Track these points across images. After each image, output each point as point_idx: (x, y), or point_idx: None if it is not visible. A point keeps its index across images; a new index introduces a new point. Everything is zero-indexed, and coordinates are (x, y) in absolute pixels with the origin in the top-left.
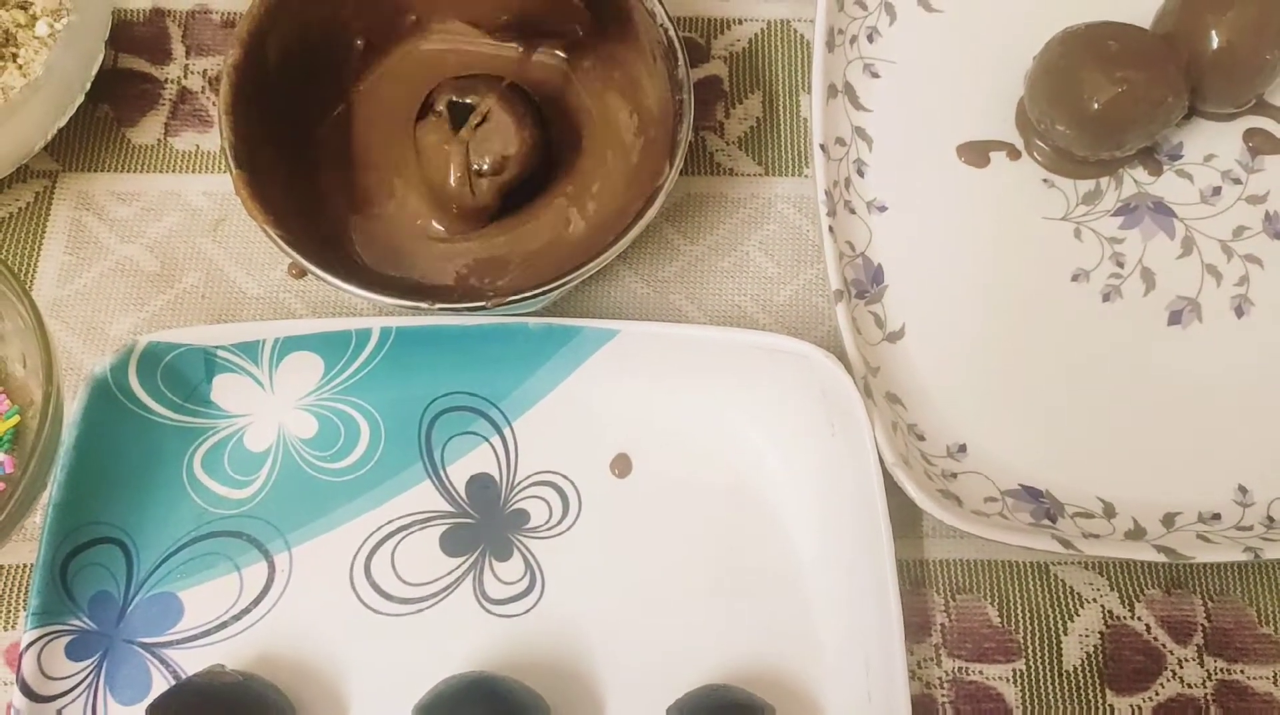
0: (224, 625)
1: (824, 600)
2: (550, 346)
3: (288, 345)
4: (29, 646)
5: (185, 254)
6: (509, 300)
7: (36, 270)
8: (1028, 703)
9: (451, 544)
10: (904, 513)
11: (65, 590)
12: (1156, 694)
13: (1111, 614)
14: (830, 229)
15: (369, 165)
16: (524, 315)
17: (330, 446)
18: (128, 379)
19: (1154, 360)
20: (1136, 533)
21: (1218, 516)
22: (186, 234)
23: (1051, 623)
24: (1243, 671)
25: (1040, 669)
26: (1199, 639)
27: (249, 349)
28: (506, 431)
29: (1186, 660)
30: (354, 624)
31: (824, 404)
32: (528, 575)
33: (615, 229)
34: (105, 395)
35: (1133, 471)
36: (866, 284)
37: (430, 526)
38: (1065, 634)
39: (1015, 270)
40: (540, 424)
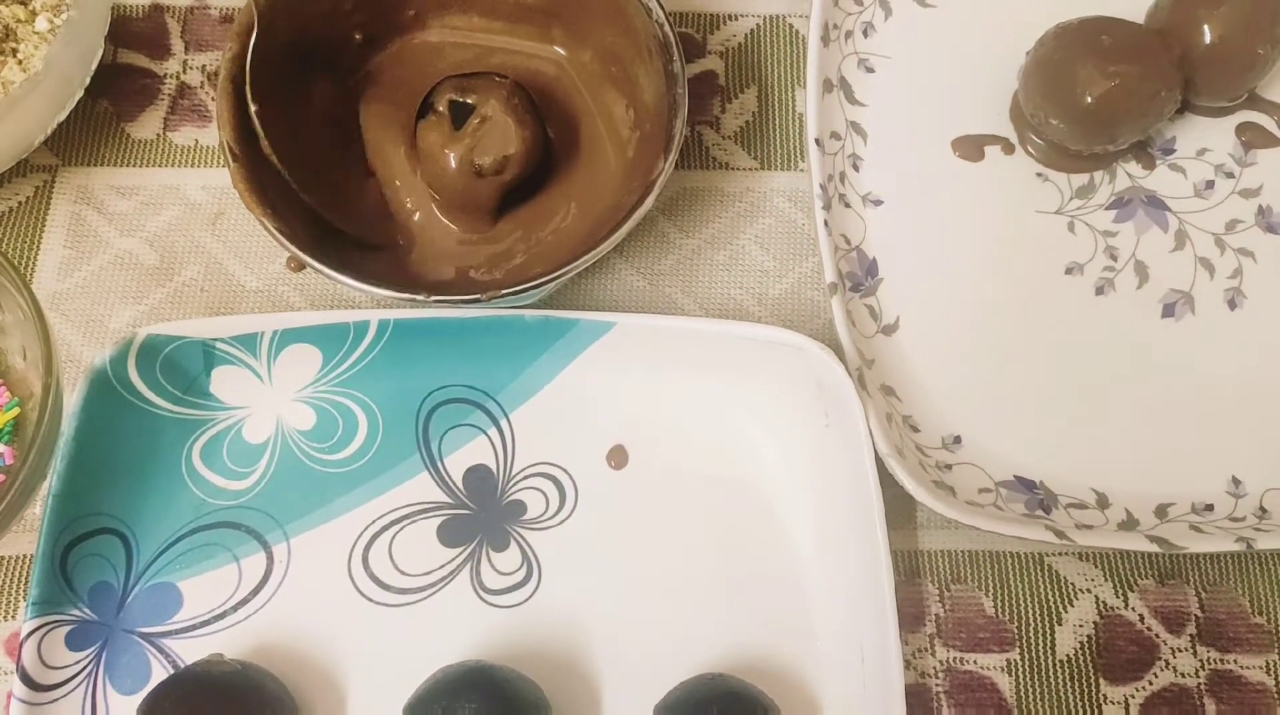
0: (223, 615)
1: (819, 590)
2: (547, 339)
3: (286, 338)
4: (29, 636)
5: (184, 247)
6: (504, 293)
7: (36, 264)
8: (1022, 692)
9: (449, 535)
10: (899, 504)
11: (65, 580)
12: (1150, 684)
13: (1105, 604)
14: (825, 223)
15: (367, 159)
16: (520, 308)
17: (328, 438)
18: (127, 371)
19: (1147, 353)
20: (1130, 523)
21: (1211, 507)
22: (185, 228)
23: (1045, 613)
24: (1235, 661)
25: (1034, 659)
26: (1192, 629)
27: (247, 341)
28: (504, 423)
29: (1180, 650)
30: (352, 614)
31: (819, 396)
32: (525, 566)
33: (611, 223)
34: (105, 387)
35: (1126, 463)
36: (861, 277)
37: (428, 517)
38: (1059, 624)
39: (1009, 263)
40: (537, 416)
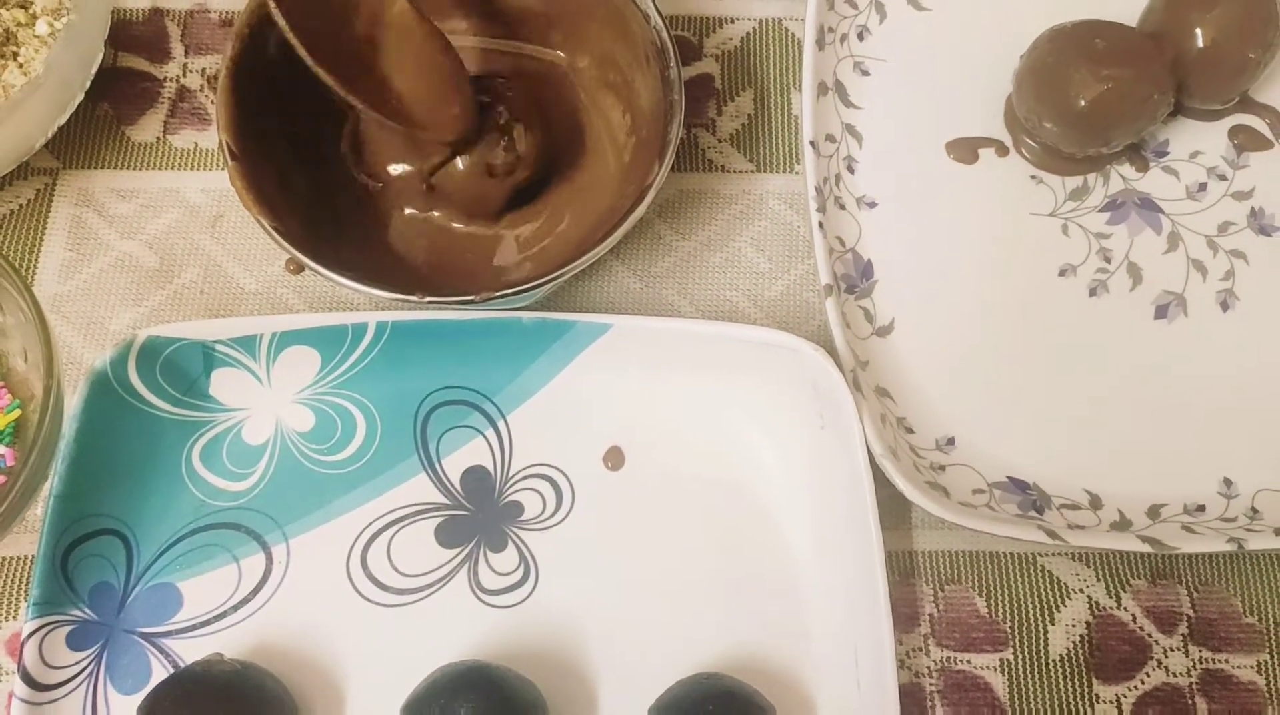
0: (222, 615)
1: (814, 591)
2: (544, 341)
3: (285, 340)
4: (30, 636)
5: (184, 250)
6: (499, 295)
7: (37, 266)
8: (1014, 692)
9: (447, 535)
10: (893, 504)
11: (66, 581)
12: (1142, 683)
13: (1097, 604)
14: (820, 225)
15: (367, 160)
16: (518, 310)
17: (327, 440)
18: (127, 373)
19: (1141, 354)
20: (1122, 524)
21: (1202, 508)
22: (185, 230)
23: (1038, 613)
24: (1227, 661)
25: (1027, 658)
26: (1184, 629)
27: (247, 343)
28: (501, 425)
29: (1172, 650)
30: (350, 614)
31: (814, 397)
32: (522, 566)
33: (607, 226)
34: (105, 389)
35: (1119, 464)
36: (856, 279)
37: (426, 518)
38: (1052, 624)
39: (1003, 266)
40: (534, 417)
